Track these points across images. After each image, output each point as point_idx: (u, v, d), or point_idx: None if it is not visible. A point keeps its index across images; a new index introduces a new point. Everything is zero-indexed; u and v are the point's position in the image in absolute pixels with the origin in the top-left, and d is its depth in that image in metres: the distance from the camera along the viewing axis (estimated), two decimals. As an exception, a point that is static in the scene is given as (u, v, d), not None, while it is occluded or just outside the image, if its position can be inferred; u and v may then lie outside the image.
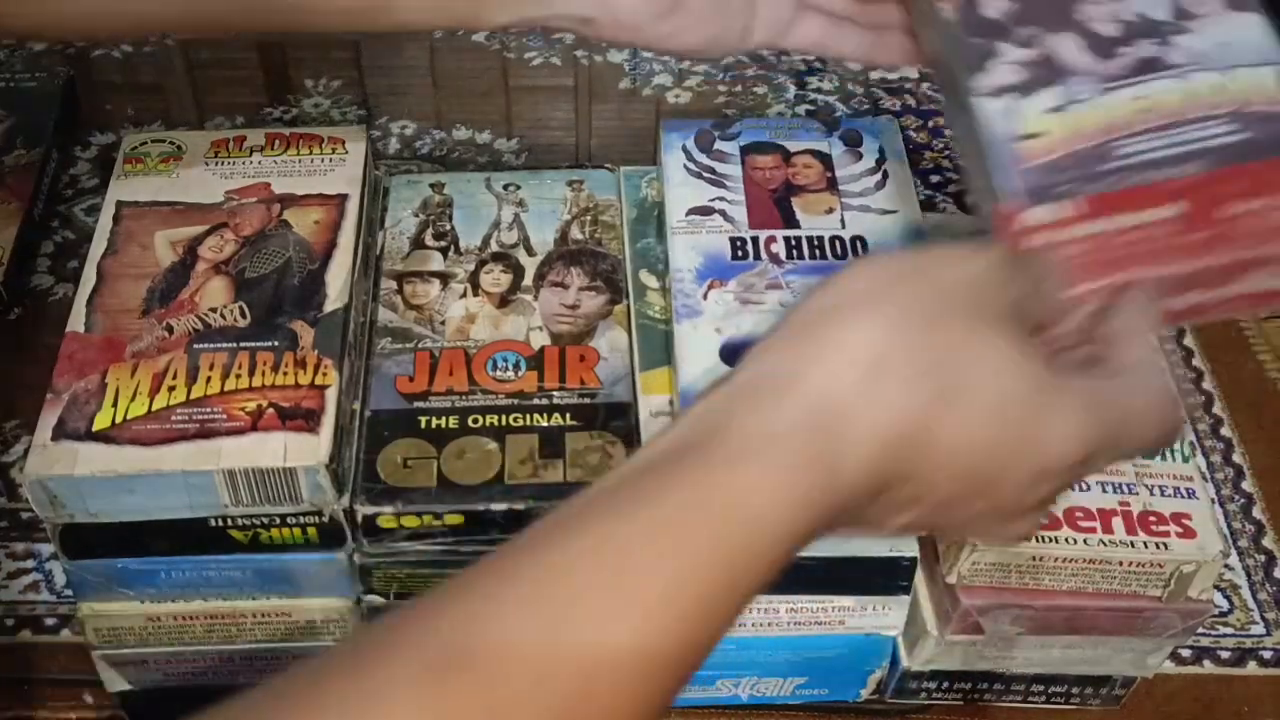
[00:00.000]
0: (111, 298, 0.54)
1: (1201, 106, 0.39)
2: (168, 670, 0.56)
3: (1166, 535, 0.53)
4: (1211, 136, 0.39)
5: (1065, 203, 0.38)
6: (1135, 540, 0.53)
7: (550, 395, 0.54)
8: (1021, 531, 0.38)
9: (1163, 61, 0.40)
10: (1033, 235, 0.38)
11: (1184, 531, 0.53)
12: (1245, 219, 0.39)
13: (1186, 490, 0.55)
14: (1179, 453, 0.56)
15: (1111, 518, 0.53)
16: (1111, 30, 0.41)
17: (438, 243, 0.61)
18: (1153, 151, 0.39)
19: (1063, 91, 0.40)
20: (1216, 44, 0.40)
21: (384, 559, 0.52)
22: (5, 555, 0.65)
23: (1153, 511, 0.54)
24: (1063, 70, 0.41)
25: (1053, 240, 0.38)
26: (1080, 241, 0.38)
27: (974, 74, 0.41)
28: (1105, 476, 0.55)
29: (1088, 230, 0.38)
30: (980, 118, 0.40)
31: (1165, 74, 0.40)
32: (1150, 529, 0.53)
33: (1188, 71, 0.40)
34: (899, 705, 0.60)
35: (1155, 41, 0.41)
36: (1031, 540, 0.52)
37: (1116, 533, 0.53)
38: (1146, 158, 0.39)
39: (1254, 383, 0.77)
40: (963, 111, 0.41)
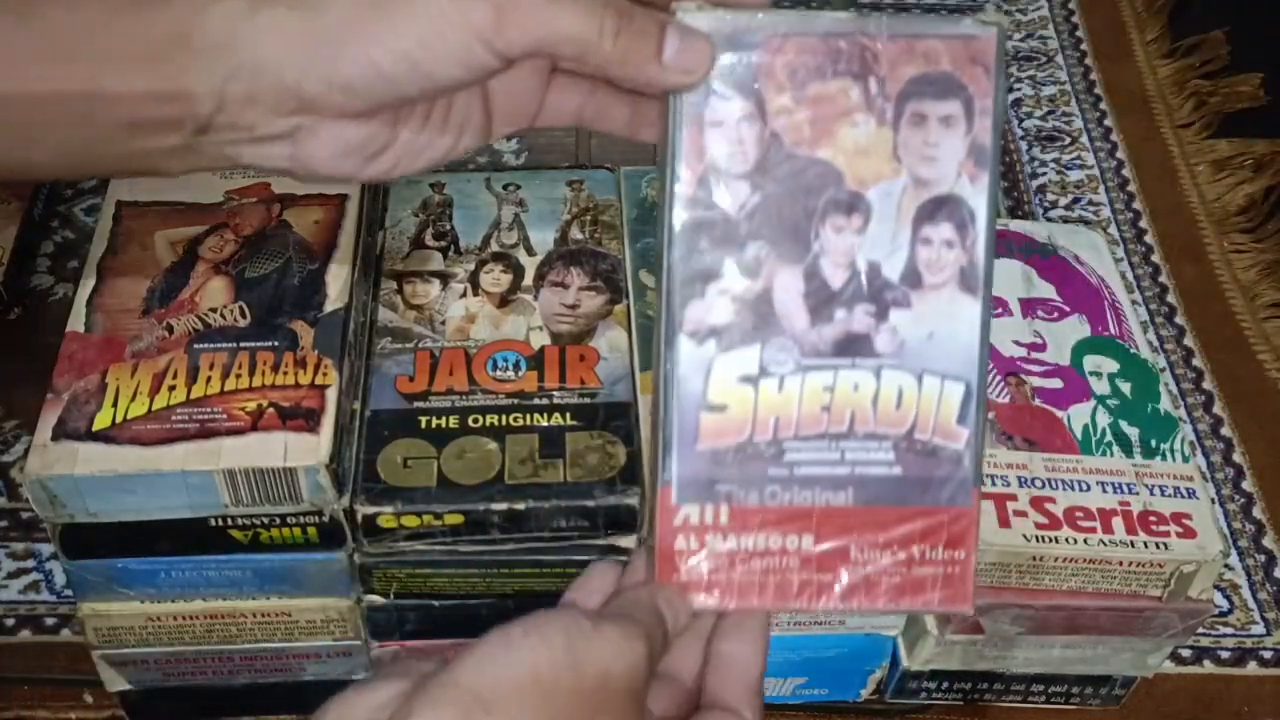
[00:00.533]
0: (111, 298, 0.54)
1: (876, 420, 0.40)
2: (168, 670, 0.56)
3: (1167, 535, 0.53)
4: (869, 463, 0.40)
5: (712, 507, 0.40)
6: (1135, 540, 0.53)
7: (550, 395, 0.54)
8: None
9: (868, 344, 0.39)
10: (681, 531, 0.40)
11: (1184, 531, 0.53)
12: (861, 566, 0.41)
13: (1187, 490, 0.55)
14: (1179, 452, 0.56)
15: (1111, 518, 0.53)
16: (838, 279, 0.39)
17: (438, 243, 0.61)
18: (814, 465, 0.40)
19: (763, 357, 0.39)
20: (925, 335, 0.40)
21: (384, 559, 0.52)
22: (5, 555, 0.65)
23: (1153, 511, 0.54)
24: (771, 325, 0.39)
25: (696, 541, 0.40)
26: (721, 552, 0.40)
27: (689, 301, 0.39)
28: (1105, 476, 0.55)
29: (727, 545, 0.40)
30: (679, 363, 0.39)
31: (862, 363, 0.40)
32: (1150, 529, 0.53)
33: (884, 366, 0.40)
34: (899, 705, 0.60)
35: (871, 312, 0.39)
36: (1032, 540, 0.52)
37: (1116, 533, 0.53)
38: (806, 471, 0.40)
39: (1254, 383, 0.77)
40: (666, 327, 0.39)
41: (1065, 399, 0.58)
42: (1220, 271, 0.84)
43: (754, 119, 0.38)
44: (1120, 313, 0.63)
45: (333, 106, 0.37)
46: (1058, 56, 0.99)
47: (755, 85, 0.38)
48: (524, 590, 0.53)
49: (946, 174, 0.39)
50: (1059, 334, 0.61)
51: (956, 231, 0.39)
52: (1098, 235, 0.67)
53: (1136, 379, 0.59)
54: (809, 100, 0.38)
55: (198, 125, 0.37)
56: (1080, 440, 0.57)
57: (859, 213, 0.39)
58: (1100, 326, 0.62)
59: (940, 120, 0.39)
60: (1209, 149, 0.92)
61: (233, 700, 0.58)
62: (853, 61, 0.38)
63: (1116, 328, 0.62)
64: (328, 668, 0.56)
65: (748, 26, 0.38)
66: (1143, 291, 0.82)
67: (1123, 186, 0.89)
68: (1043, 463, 0.55)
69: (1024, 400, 0.58)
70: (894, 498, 0.40)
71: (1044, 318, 0.62)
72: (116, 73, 0.36)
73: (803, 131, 0.38)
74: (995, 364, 0.59)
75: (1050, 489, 0.54)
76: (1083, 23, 1.02)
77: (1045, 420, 0.57)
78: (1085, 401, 0.58)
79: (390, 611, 0.54)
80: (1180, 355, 0.78)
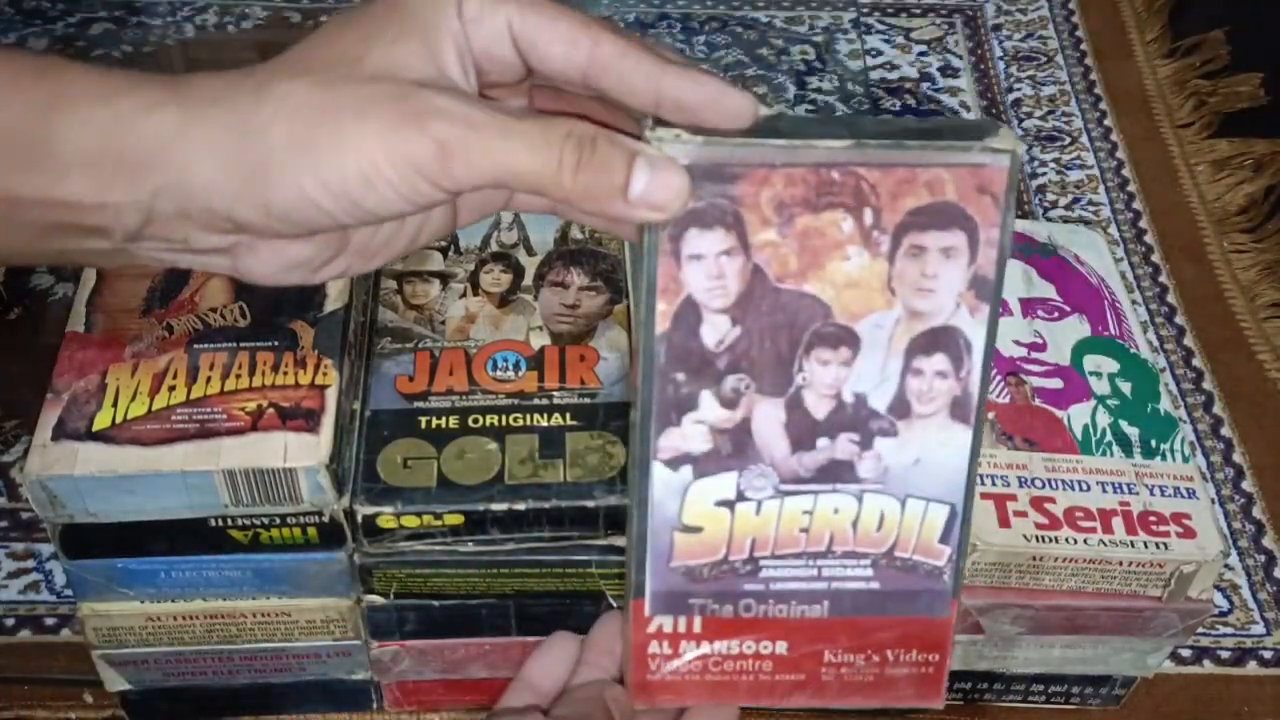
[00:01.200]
0: (111, 298, 0.54)
1: (855, 540, 0.39)
2: (168, 670, 0.56)
3: (1167, 535, 0.53)
4: (847, 578, 0.40)
5: (685, 618, 0.40)
6: (1135, 540, 0.53)
7: (550, 395, 0.54)
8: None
9: (850, 470, 0.38)
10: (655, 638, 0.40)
11: (1184, 531, 0.53)
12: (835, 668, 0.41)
13: (1187, 490, 0.55)
14: (1179, 452, 0.56)
15: (1111, 518, 0.53)
16: (821, 410, 0.38)
17: (438, 242, 0.61)
18: (790, 580, 0.39)
19: (740, 483, 0.38)
20: (910, 461, 0.39)
21: (384, 559, 0.52)
22: (5, 555, 0.65)
23: (1153, 511, 0.54)
24: (749, 452, 0.38)
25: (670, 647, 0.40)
26: (694, 657, 0.40)
27: (664, 429, 0.37)
28: (1105, 476, 0.55)
29: (700, 650, 0.40)
30: (652, 488, 0.38)
31: (844, 488, 0.39)
32: (1150, 529, 0.53)
33: (866, 490, 0.39)
34: (899, 705, 0.60)
35: (855, 440, 0.38)
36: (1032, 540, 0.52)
37: (1116, 533, 0.53)
38: (781, 587, 0.39)
39: (1254, 383, 0.77)
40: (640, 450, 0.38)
41: (1065, 399, 0.58)
42: (1220, 271, 0.84)
43: (736, 253, 0.36)
44: (1120, 313, 0.63)
45: (270, 232, 0.35)
46: (1058, 56, 0.99)
47: (738, 217, 0.35)
48: (524, 590, 0.53)
49: (944, 306, 0.37)
50: (1059, 334, 0.61)
51: (951, 363, 0.38)
52: (1098, 235, 0.67)
53: (1137, 379, 0.59)
54: (796, 234, 0.36)
55: (126, 235, 0.35)
56: (1080, 440, 0.57)
57: (847, 345, 0.37)
58: (1100, 326, 0.62)
59: (940, 251, 0.36)
60: (1209, 149, 0.92)
61: (233, 700, 0.58)
62: (846, 193, 0.35)
63: (1116, 328, 0.62)
64: (328, 668, 0.56)
65: (729, 158, 0.34)
66: (1143, 291, 0.82)
67: (1123, 186, 0.89)
68: (1043, 463, 0.55)
69: (1024, 400, 0.58)
70: (871, 609, 0.40)
71: (1044, 317, 0.62)
72: (35, 179, 0.33)
73: (789, 265, 0.36)
74: (996, 364, 0.59)
75: (1050, 489, 0.54)
76: (1083, 23, 1.02)
77: (1045, 420, 0.57)
78: (1085, 401, 0.58)
79: (390, 611, 0.54)
80: (1180, 355, 0.78)
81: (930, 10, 1.02)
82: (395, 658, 0.56)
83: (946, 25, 1.01)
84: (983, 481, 0.54)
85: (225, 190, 0.33)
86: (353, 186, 0.33)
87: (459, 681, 0.57)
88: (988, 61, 0.98)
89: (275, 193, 0.33)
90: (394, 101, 0.33)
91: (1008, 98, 0.95)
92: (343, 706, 0.59)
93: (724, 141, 0.34)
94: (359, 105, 0.32)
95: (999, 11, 1.03)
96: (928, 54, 0.98)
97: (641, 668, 0.40)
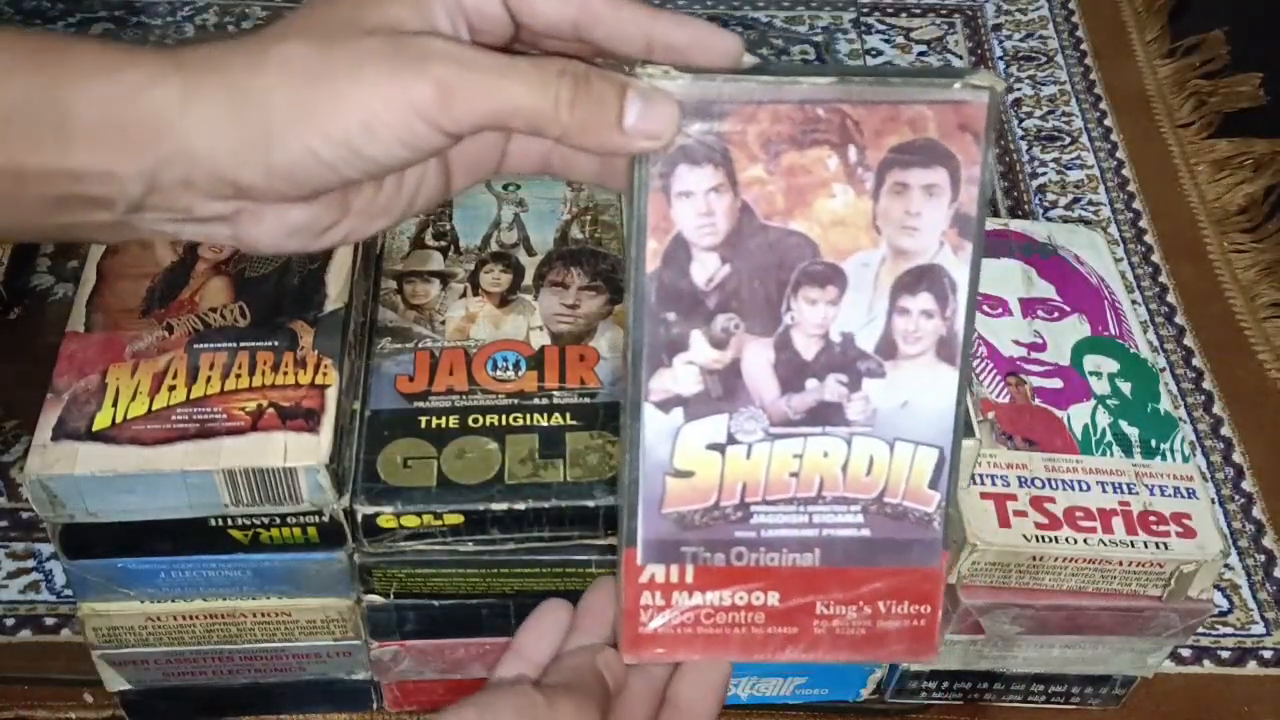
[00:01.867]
0: (111, 298, 0.54)
1: (845, 485, 0.39)
2: (168, 670, 0.56)
3: (1167, 535, 0.53)
4: (837, 525, 0.40)
5: (677, 567, 0.40)
6: (1135, 540, 0.53)
7: (550, 395, 0.54)
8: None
9: (839, 413, 0.39)
10: (646, 589, 0.40)
11: (1184, 531, 0.53)
12: (827, 620, 0.41)
13: (1186, 490, 0.55)
14: (1179, 452, 0.56)
15: (1111, 517, 0.53)
16: (810, 350, 0.38)
17: (438, 242, 0.61)
18: (782, 528, 0.40)
19: (730, 426, 0.39)
20: (898, 404, 0.39)
21: (384, 559, 0.52)
22: (5, 555, 0.65)
23: (1153, 511, 0.54)
24: (740, 394, 0.38)
25: (662, 598, 0.40)
26: (686, 608, 0.40)
27: (655, 371, 0.38)
28: (1105, 476, 0.55)
29: (693, 601, 0.40)
30: (644, 431, 0.38)
31: (833, 431, 0.39)
32: (1151, 529, 0.53)
33: (855, 434, 0.39)
34: (899, 705, 0.60)
35: (844, 382, 0.39)
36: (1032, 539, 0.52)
37: (1116, 532, 0.53)
38: (773, 534, 0.40)
39: (1254, 383, 0.77)
40: (632, 393, 0.38)
41: (1065, 399, 0.58)
42: (1220, 271, 0.84)
43: (724, 190, 0.36)
44: (1120, 313, 0.63)
45: (273, 194, 0.35)
46: (1058, 56, 0.99)
47: (726, 154, 0.36)
48: (524, 590, 0.53)
49: (928, 245, 0.37)
50: (1059, 334, 0.61)
51: (936, 302, 0.38)
52: (1098, 235, 0.67)
53: (1136, 379, 0.59)
54: (783, 171, 0.36)
55: (129, 206, 0.35)
56: (1080, 440, 0.57)
57: (834, 285, 0.38)
58: (1100, 326, 0.62)
59: (923, 189, 0.37)
60: (1209, 149, 0.92)
61: (233, 700, 0.58)
62: (831, 130, 0.36)
63: (1116, 327, 0.62)
64: (328, 668, 0.56)
65: (717, 95, 0.35)
66: (1143, 291, 0.82)
67: (1123, 186, 0.89)
68: (1043, 462, 0.55)
69: (1024, 400, 0.58)
70: (861, 558, 0.40)
71: (1044, 317, 0.62)
72: (41, 151, 0.34)
73: (776, 203, 0.37)
74: (995, 363, 0.59)
75: (1050, 489, 0.54)
76: (1083, 23, 1.02)
77: (1045, 420, 0.57)
78: (1085, 401, 0.58)
79: (390, 611, 0.54)
80: (1180, 355, 0.78)
81: (930, 10, 1.02)
82: (395, 658, 0.56)
83: (946, 25, 1.01)
84: (982, 481, 0.54)
85: (229, 155, 0.34)
86: (355, 136, 0.33)
87: (459, 681, 0.57)
88: (988, 61, 0.98)
89: (279, 153, 0.34)
90: (391, 51, 0.33)
91: (1008, 98, 0.95)
92: (343, 706, 0.59)
93: (712, 78, 0.35)
94: (356, 59, 0.33)
95: (999, 11, 1.03)
96: (928, 54, 0.98)
97: (633, 621, 0.40)
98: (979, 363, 0.59)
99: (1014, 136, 0.93)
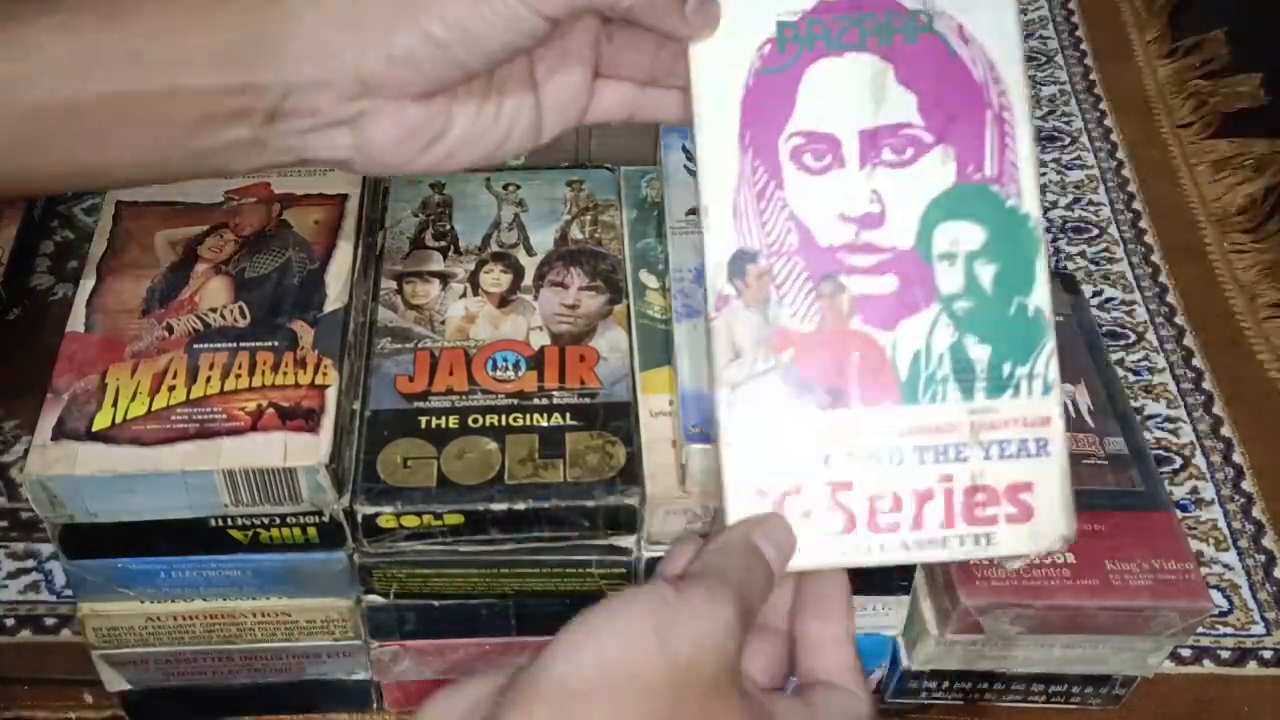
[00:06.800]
0: (111, 298, 0.54)
1: None
2: (168, 670, 0.56)
3: (993, 522, 0.39)
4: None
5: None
6: (949, 537, 0.39)
7: (550, 395, 0.54)
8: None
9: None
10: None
11: (1018, 513, 0.39)
12: None
13: (1037, 443, 0.39)
14: (1039, 379, 0.39)
15: (925, 504, 0.39)
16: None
17: (438, 243, 0.61)
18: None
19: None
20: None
21: (384, 559, 0.52)
22: (5, 555, 0.65)
23: (982, 486, 0.39)
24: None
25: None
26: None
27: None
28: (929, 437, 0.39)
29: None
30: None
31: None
32: (973, 515, 0.39)
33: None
34: (899, 705, 0.60)
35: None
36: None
37: (927, 527, 0.39)
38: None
39: (1254, 383, 0.77)
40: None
41: (897, 309, 0.39)
42: (1220, 271, 0.84)
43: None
44: (1007, 128, 0.40)
45: (394, 84, 0.39)
46: (1058, 56, 0.99)
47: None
48: (524, 590, 0.53)
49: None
50: (908, 188, 0.39)
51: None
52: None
53: (1007, 255, 0.39)
54: None
55: (266, 115, 0.39)
56: (905, 380, 0.39)
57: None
58: (973, 163, 0.40)
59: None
60: (1209, 149, 0.92)
61: (233, 700, 0.58)
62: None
63: (996, 162, 0.40)
64: (328, 668, 0.56)
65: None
66: (1142, 291, 0.82)
67: (1123, 186, 0.89)
68: (848, 427, 0.39)
69: (838, 321, 0.39)
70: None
71: (891, 161, 0.39)
72: (191, 71, 0.38)
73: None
74: (808, 261, 0.39)
75: (851, 468, 0.39)
76: (1083, 23, 1.02)
77: (863, 353, 0.39)
78: (924, 309, 0.39)
79: (390, 611, 0.54)
80: (1180, 355, 0.78)
81: None
82: (395, 658, 0.56)
83: (946, 25, 1.01)
84: (759, 469, 0.39)
85: (353, 44, 0.38)
86: (464, 15, 0.38)
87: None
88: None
89: (397, 37, 0.38)
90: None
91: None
92: (343, 706, 0.59)
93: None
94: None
95: (999, 11, 1.03)
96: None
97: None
98: (782, 262, 0.39)
99: (1014, 136, 0.93)
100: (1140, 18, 1.02)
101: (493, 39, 0.38)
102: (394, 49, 0.38)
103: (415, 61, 0.38)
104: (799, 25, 0.39)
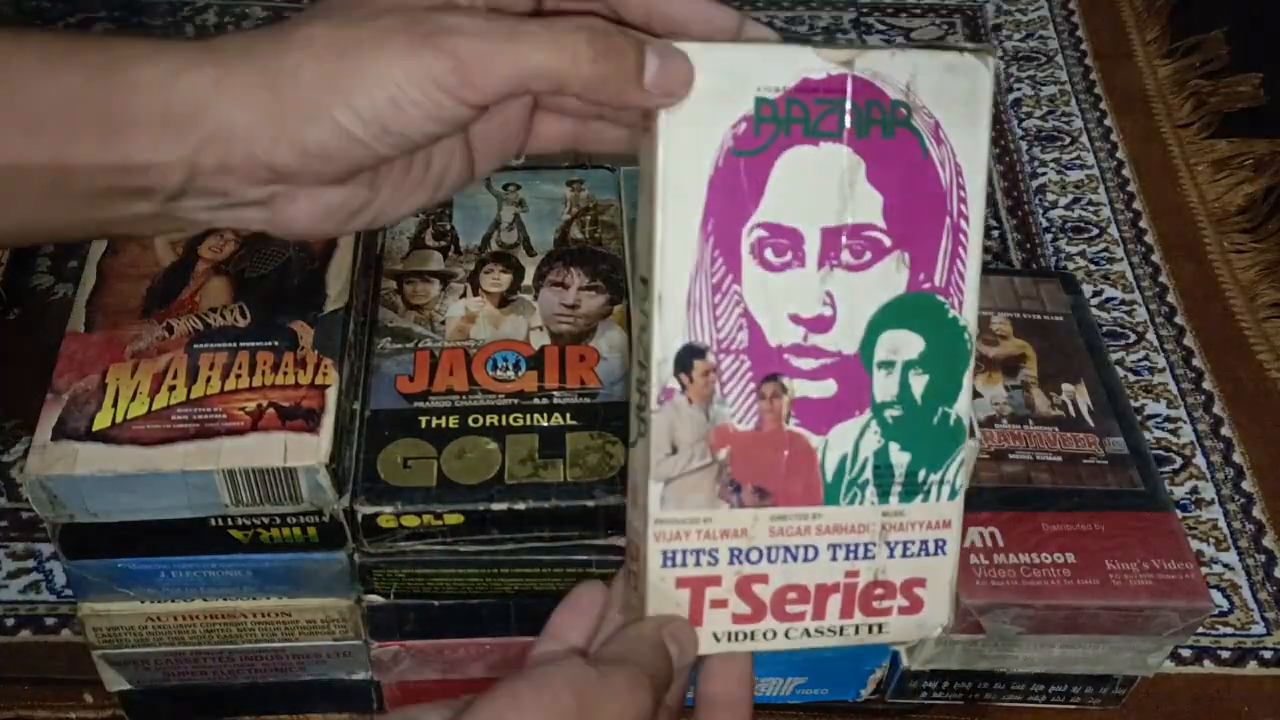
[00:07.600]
0: (111, 298, 0.54)
1: None
2: (168, 670, 0.56)
3: (887, 614, 0.41)
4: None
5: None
6: (847, 625, 0.41)
7: (550, 395, 0.54)
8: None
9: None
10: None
11: (910, 605, 0.41)
12: None
13: (936, 544, 0.41)
14: (949, 484, 0.41)
15: (829, 596, 0.40)
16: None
17: (438, 242, 0.61)
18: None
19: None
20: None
21: (384, 559, 0.52)
22: (5, 555, 0.65)
23: (882, 581, 0.41)
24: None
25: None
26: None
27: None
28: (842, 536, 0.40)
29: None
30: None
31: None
32: (870, 607, 0.41)
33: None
34: (899, 705, 0.60)
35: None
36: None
37: (828, 617, 0.40)
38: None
39: (1254, 383, 0.77)
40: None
41: (831, 414, 0.39)
42: (1220, 271, 0.84)
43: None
44: (962, 237, 0.39)
45: (308, 175, 0.36)
46: (1058, 56, 0.99)
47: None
48: (524, 590, 0.53)
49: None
50: (861, 294, 0.39)
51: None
52: (983, 67, 0.38)
53: (940, 366, 0.40)
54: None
55: (169, 194, 0.36)
56: (830, 482, 0.39)
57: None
58: (924, 272, 0.39)
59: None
60: (1209, 149, 0.92)
61: (233, 700, 0.58)
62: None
63: (945, 270, 0.39)
64: (328, 668, 0.56)
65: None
66: (1142, 291, 0.82)
67: (1123, 186, 0.89)
68: (769, 524, 0.39)
69: (775, 422, 0.39)
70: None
71: (849, 263, 0.38)
72: (86, 144, 0.35)
73: None
74: (754, 361, 0.38)
75: (768, 562, 0.39)
76: (1083, 23, 1.02)
77: (794, 453, 0.39)
78: (857, 416, 0.39)
79: (390, 611, 0.54)
80: (1180, 355, 0.78)
81: (930, 10, 1.02)
82: (395, 658, 0.56)
83: (946, 25, 1.01)
84: (684, 562, 0.39)
85: (264, 135, 0.35)
86: (382, 111, 0.34)
87: (459, 681, 0.57)
88: (988, 61, 0.98)
89: (311, 131, 0.35)
90: (408, 27, 0.34)
91: (1008, 98, 0.95)
92: (343, 706, 0.59)
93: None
94: (377, 37, 0.34)
95: (999, 11, 1.03)
96: (928, 54, 0.98)
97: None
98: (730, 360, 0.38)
99: (1014, 136, 0.93)
100: (1140, 18, 1.02)
101: (416, 132, 0.35)
102: (308, 145, 0.35)
103: (329, 155, 0.35)
104: (778, 104, 0.37)
